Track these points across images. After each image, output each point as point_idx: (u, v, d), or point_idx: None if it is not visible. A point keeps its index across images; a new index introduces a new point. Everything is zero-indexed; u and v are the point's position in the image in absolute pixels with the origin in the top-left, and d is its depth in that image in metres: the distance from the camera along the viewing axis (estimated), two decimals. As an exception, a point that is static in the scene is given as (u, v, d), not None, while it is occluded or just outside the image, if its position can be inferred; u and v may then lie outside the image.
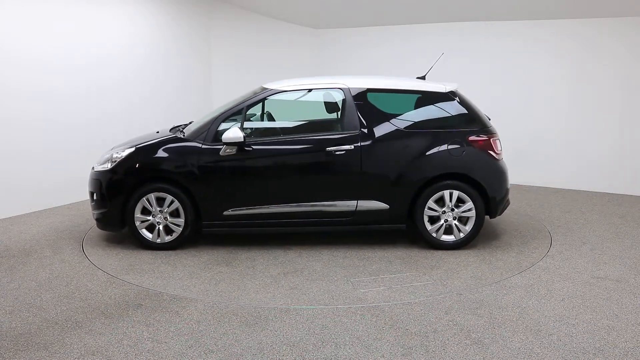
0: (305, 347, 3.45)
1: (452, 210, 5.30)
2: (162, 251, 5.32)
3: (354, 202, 5.27)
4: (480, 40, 8.75)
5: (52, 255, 5.19)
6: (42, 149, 6.68)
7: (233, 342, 3.52)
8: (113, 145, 6.59)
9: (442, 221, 5.32)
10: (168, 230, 5.33)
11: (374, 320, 3.84)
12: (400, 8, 8.62)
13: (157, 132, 6.01)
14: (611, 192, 7.99)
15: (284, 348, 3.45)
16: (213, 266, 4.98)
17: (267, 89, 5.46)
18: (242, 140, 5.10)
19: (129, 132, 7.35)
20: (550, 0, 7.67)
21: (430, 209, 5.29)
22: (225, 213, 5.27)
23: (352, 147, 5.22)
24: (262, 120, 6.03)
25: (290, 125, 5.94)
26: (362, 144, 5.22)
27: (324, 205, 5.28)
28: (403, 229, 5.44)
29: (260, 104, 5.68)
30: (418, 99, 5.50)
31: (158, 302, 4.13)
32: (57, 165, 6.86)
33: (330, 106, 5.95)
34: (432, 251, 5.34)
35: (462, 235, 5.34)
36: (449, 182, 5.27)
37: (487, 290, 4.37)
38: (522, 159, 8.52)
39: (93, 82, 7.18)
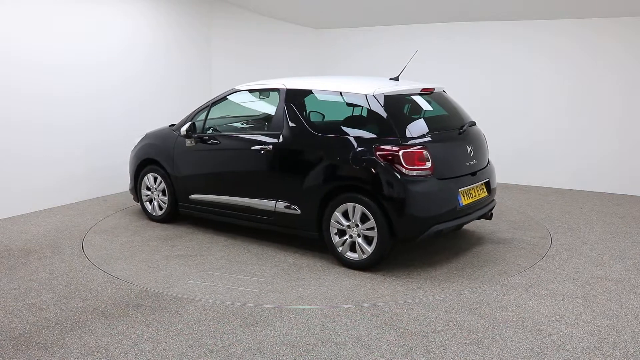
0: (305, 347, 3.46)
1: (357, 226, 4.73)
2: (140, 231, 5.94)
3: (272, 203, 5.22)
4: (480, 40, 8.74)
5: (52, 255, 5.19)
6: (42, 149, 6.66)
7: (233, 342, 3.53)
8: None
9: (347, 236, 4.79)
10: (161, 207, 6.23)
11: (374, 320, 3.84)
12: (400, 8, 8.62)
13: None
14: (611, 192, 7.98)
15: (284, 348, 3.45)
16: (154, 240, 5.63)
17: (234, 88, 5.84)
18: (185, 134, 5.76)
19: (129, 132, 7.36)
20: (549, 1, 7.67)
21: (337, 221, 4.82)
22: (190, 197, 5.90)
23: (271, 147, 5.19)
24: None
25: (237, 124, 6.19)
26: (278, 144, 5.16)
27: (251, 202, 5.40)
28: (315, 238, 5.05)
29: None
30: (346, 101, 5.13)
31: (158, 302, 4.13)
32: (57, 165, 6.85)
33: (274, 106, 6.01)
34: (335, 267, 4.86)
35: (364, 255, 4.71)
36: (350, 194, 4.74)
37: (487, 290, 4.37)
38: (521, 159, 8.51)
39: (93, 83, 7.17)
